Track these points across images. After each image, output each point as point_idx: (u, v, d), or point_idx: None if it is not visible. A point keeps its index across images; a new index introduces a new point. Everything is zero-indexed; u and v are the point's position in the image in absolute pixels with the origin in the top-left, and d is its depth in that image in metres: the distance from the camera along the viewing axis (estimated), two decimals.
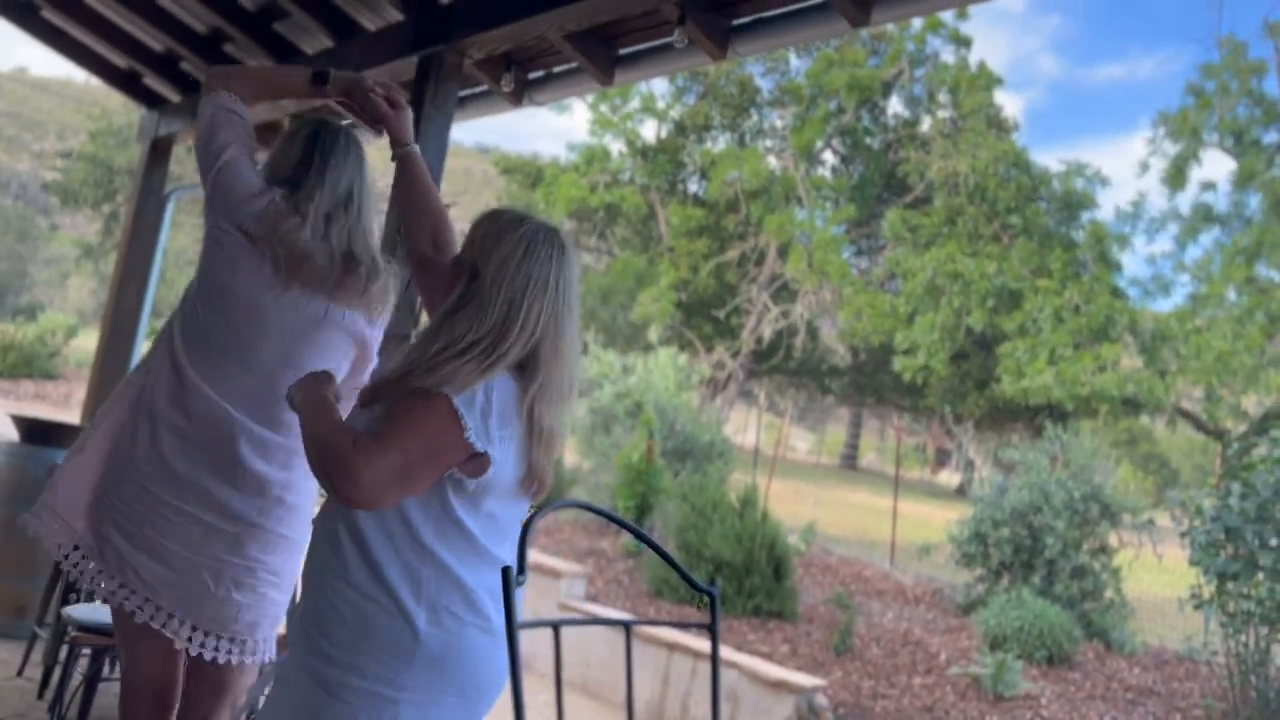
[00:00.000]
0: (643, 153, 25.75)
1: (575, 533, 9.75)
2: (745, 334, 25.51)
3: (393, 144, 2.30)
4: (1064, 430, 9.93)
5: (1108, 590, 8.60)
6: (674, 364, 13.47)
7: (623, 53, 4.14)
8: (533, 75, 4.49)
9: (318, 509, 1.86)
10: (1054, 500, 8.72)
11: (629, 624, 1.87)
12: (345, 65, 4.66)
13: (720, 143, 26.18)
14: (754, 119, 26.53)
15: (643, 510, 9.66)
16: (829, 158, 27.03)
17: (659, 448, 10.40)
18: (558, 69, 4.42)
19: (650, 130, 26.20)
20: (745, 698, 5.87)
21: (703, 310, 25.61)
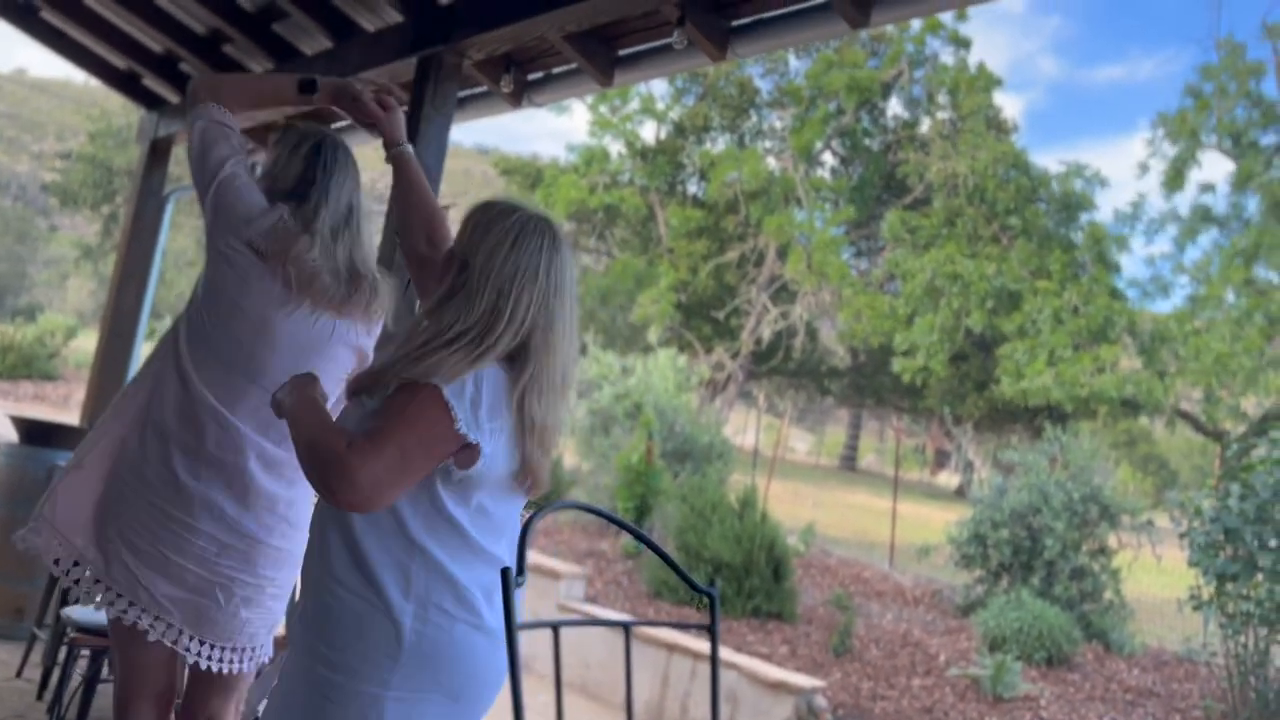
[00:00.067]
0: (642, 154, 25.76)
1: (575, 534, 9.75)
2: (744, 335, 25.51)
3: (386, 145, 2.30)
4: (1063, 431, 9.94)
5: (1107, 591, 8.60)
6: (673, 365, 13.48)
7: (622, 54, 4.14)
8: (532, 76, 4.50)
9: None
10: (1053, 501, 8.72)
11: (628, 625, 1.87)
12: (345, 66, 4.67)
13: (719, 144, 26.18)
14: (753, 120, 26.54)
15: (642, 511, 9.66)
16: (828, 159, 27.06)
17: (658, 449, 10.40)
18: (557, 70, 4.42)
19: (649, 131, 26.25)
20: (744, 699, 5.87)
21: (702, 311, 25.61)
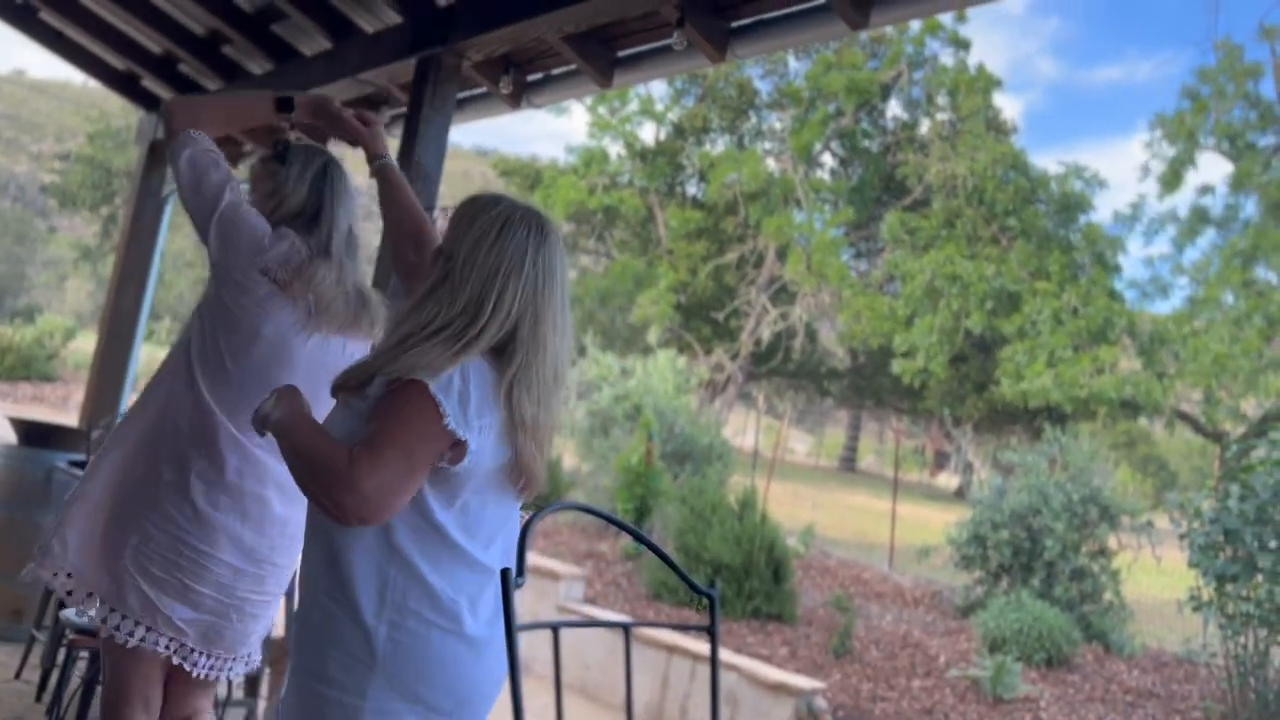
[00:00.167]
0: (641, 155, 25.76)
1: (574, 535, 9.75)
2: (744, 336, 25.52)
3: (369, 159, 2.32)
4: (1063, 432, 9.93)
5: (1107, 592, 8.59)
6: (673, 366, 13.48)
7: (621, 55, 4.14)
8: (531, 77, 4.50)
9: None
10: (1053, 502, 8.72)
11: (628, 626, 1.86)
12: (344, 67, 4.68)
13: (719, 145, 26.20)
14: (753, 121, 26.55)
15: (642, 513, 9.66)
16: (828, 160, 27.09)
17: (658, 450, 10.40)
18: (556, 71, 4.42)
19: (649, 132, 26.26)
20: (744, 700, 5.86)
21: (701, 312, 25.62)
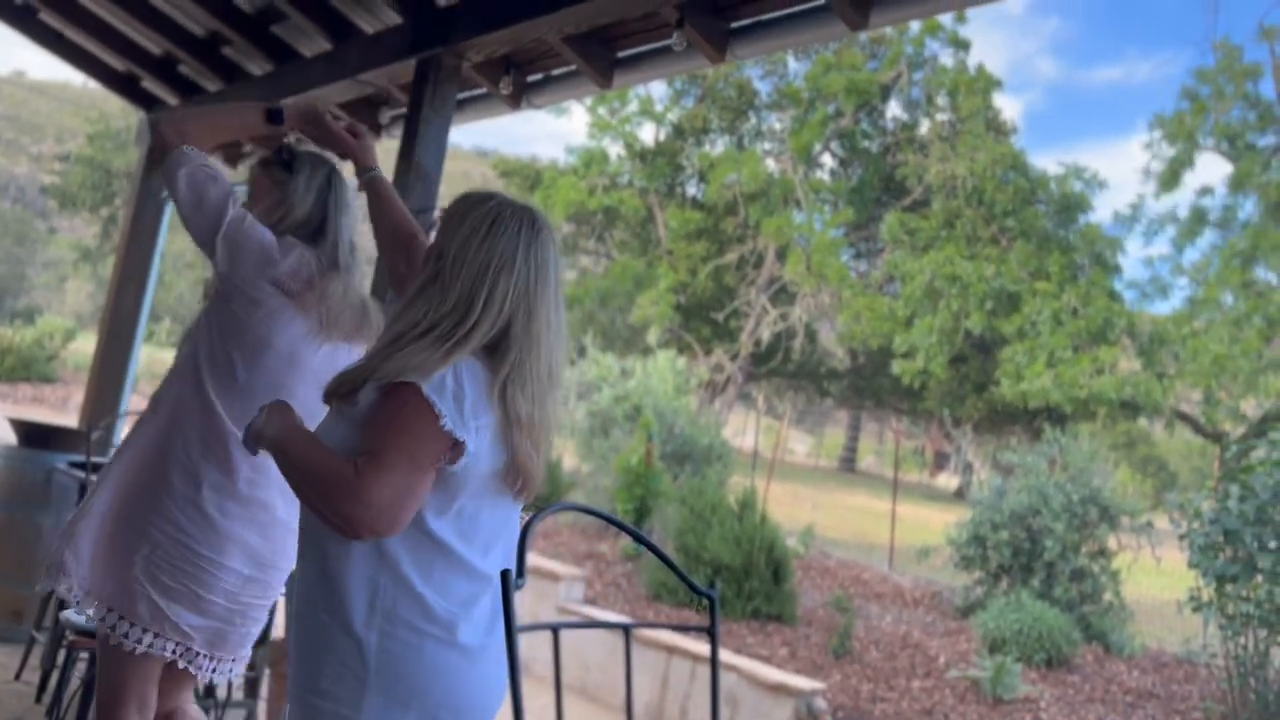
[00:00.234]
0: (641, 155, 25.77)
1: (574, 536, 9.75)
2: (744, 337, 25.52)
3: (358, 171, 2.33)
4: (1062, 433, 9.93)
5: (1107, 593, 8.59)
6: (672, 367, 13.47)
7: (621, 55, 4.14)
8: (531, 78, 4.50)
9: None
10: (1053, 503, 8.72)
11: (628, 627, 1.86)
12: (344, 68, 4.67)
13: (719, 145, 26.20)
14: (752, 122, 26.56)
15: (641, 513, 9.66)
16: (827, 161, 27.09)
17: (658, 451, 10.39)
18: (556, 72, 4.42)
19: (648, 133, 26.27)
20: (744, 701, 5.86)
21: (701, 313, 25.62)
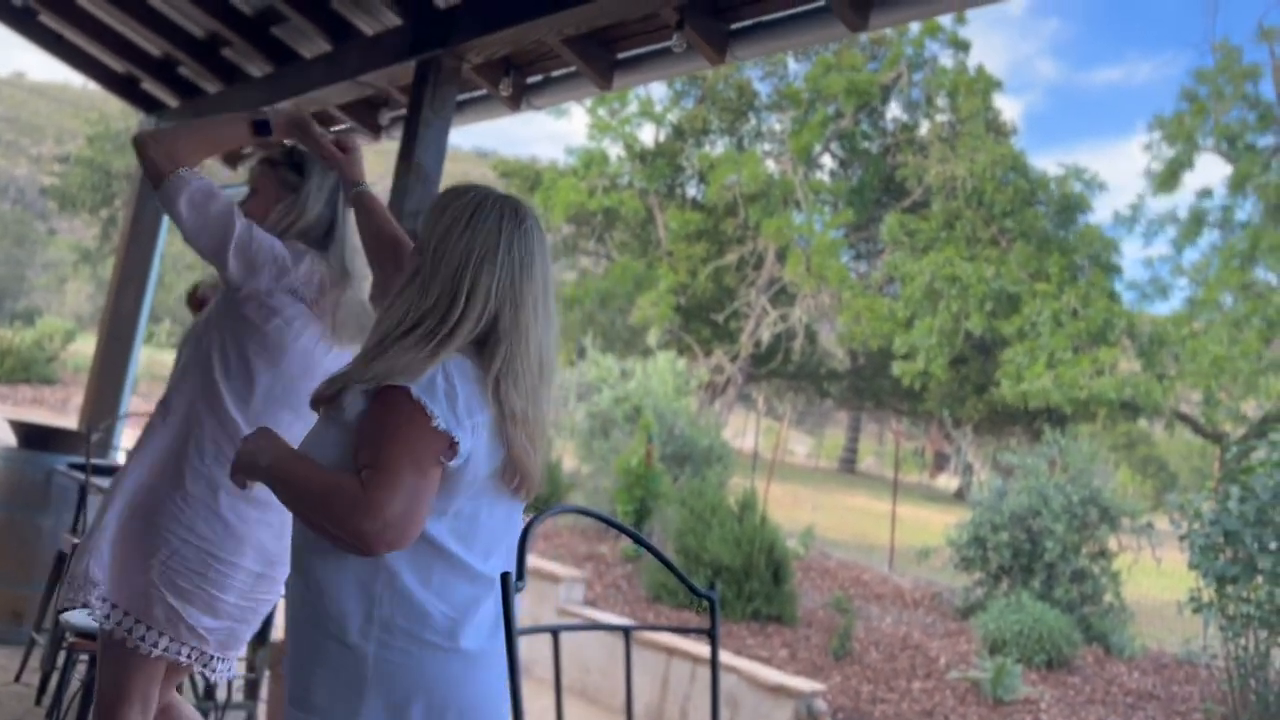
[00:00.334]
0: (641, 157, 25.77)
1: (574, 537, 9.74)
2: (744, 338, 25.51)
3: (346, 185, 2.33)
4: (1062, 434, 9.93)
5: (1107, 594, 8.59)
6: (672, 368, 13.47)
7: (621, 57, 4.14)
8: (531, 79, 4.50)
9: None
10: (1053, 504, 8.72)
11: (628, 629, 1.86)
12: (343, 70, 4.67)
13: (718, 146, 26.21)
14: (752, 123, 26.56)
15: (641, 515, 9.65)
16: (827, 162, 27.10)
17: (658, 452, 10.39)
18: (556, 73, 4.42)
19: (648, 134, 26.27)
20: (744, 702, 5.86)
21: (701, 314, 25.61)
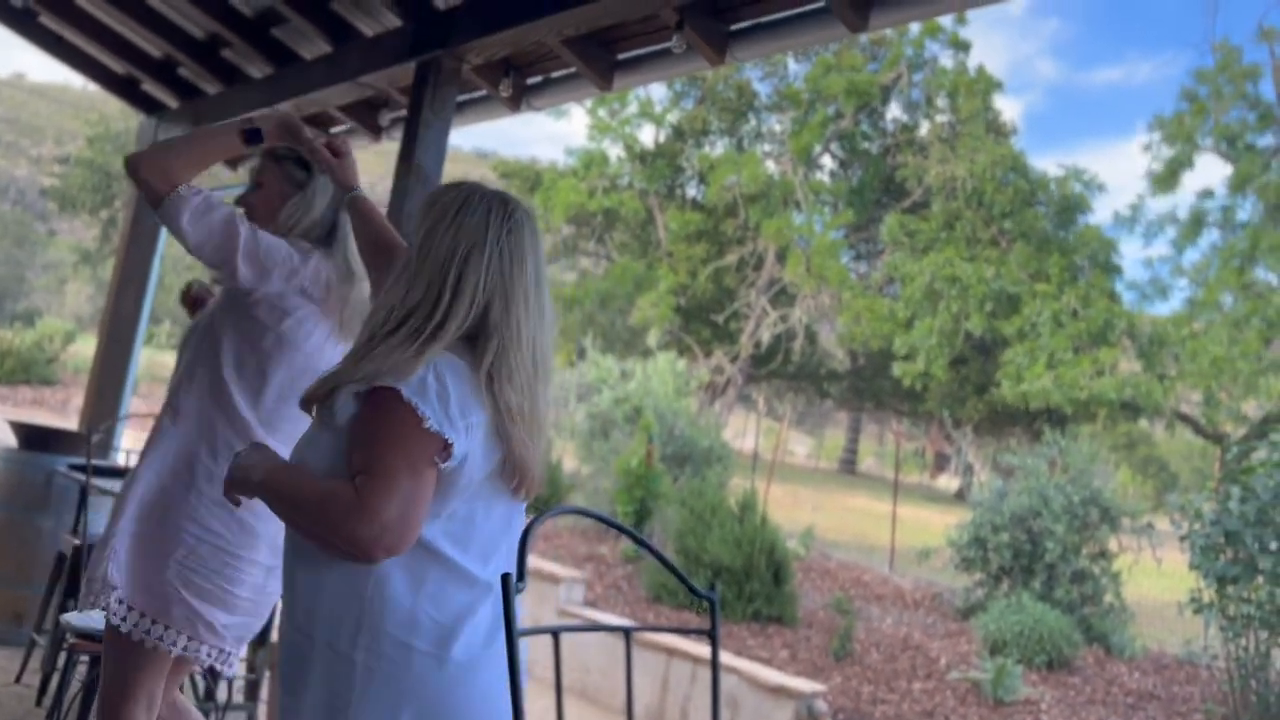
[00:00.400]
0: (641, 157, 25.77)
1: (574, 538, 9.74)
2: (744, 338, 25.51)
3: (340, 190, 2.32)
4: (1063, 434, 9.93)
5: (1107, 594, 8.59)
6: (672, 369, 13.47)
7: (621, 58, 4.14)
8: (531, 80, 4.50)
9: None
10: (1053, 504, 8.72)
11: (629, 630, 1.85)
12: (344, 71, 4.67)
13: (718, 147, 26.21)
14: (752, 123, 26.56)
15: (642, 515, 9.65)
16: (827, 162, 27.09)
17: (658, 452, 10.39)
18: (556, 74, 4.42)
19: (648, 135, 26.27)
20: (745, 703, 5.85)
21: (701, 315, 25.61)
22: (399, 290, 1.58)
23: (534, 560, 7.56)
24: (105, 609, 2.26)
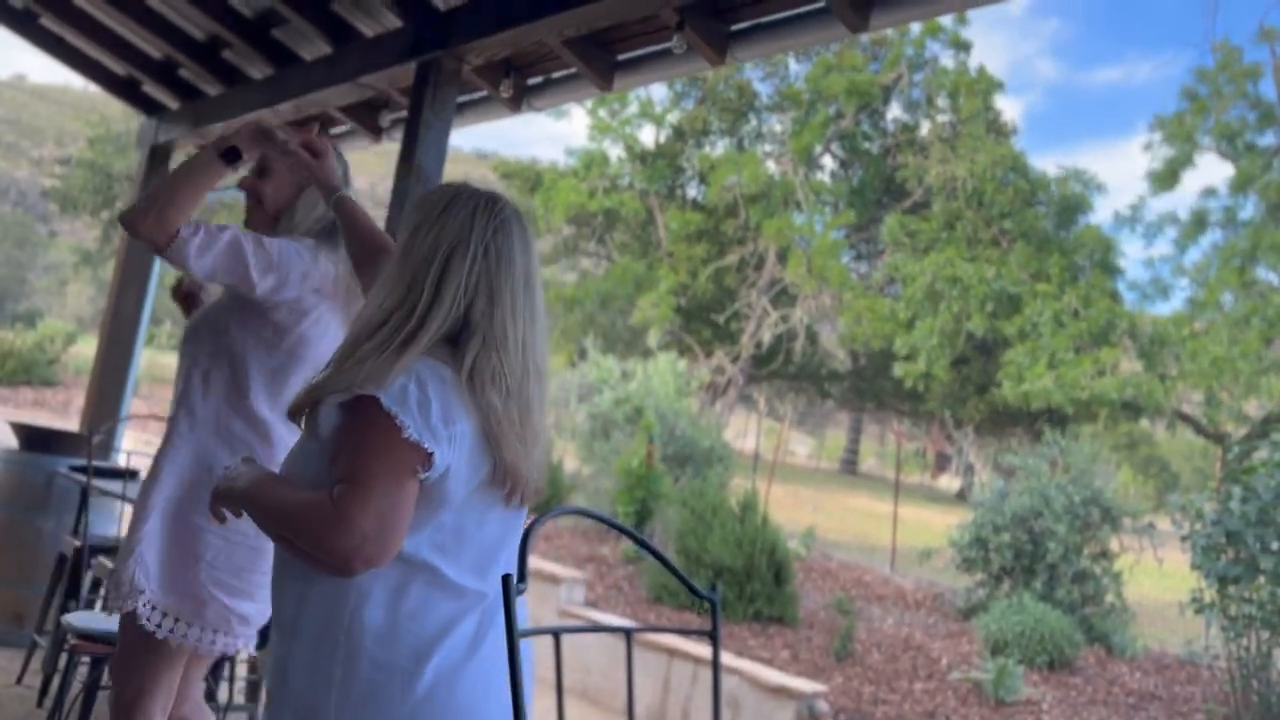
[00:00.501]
0: (641, 158, 25.78)
1: (575, 539, 9.74)
2: (745, 339, 25.51)
3: (323, 192, 2.25)
4: (1064, 434, 9.93)
5: (1109, 595, 8.59)
6: (673, 369, 13.47)
7: (622, 58, 4.14)
8: (532, 81, 4.50)
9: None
10: (1054, 505, 8.71)
11: (630, 630, 1.85)
12: (344, 72, 4.67)
13: (719, 147, 26.21)
14: (753, 123, 26.56)
15: (643, 516, 9.65)
16: (828, 162, 27.10)
17: (659, 453, 10.39)
18: (557, 74, 4.42)
19: (649, 135, 26.28)
20: (746, 704, 5.85)
21: (702, 315, 25.62)
22: (381, 293, 1.55)
23: (535, 561, 7.56)
24: (131, 613, 2.25)
